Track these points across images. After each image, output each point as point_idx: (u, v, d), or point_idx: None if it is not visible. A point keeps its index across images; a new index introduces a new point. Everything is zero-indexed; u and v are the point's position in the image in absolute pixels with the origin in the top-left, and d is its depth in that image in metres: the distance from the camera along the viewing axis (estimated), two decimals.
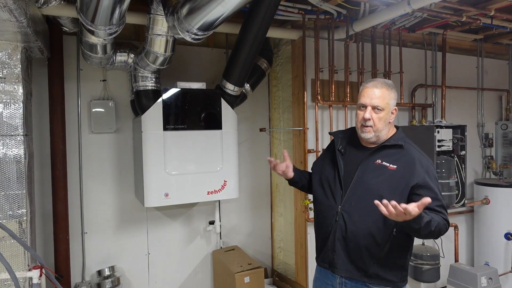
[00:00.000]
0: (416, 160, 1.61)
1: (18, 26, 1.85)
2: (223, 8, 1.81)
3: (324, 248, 1.74)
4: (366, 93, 1.65)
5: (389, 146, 1.66)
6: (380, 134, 1.65)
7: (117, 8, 1.82)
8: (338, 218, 1.67)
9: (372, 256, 1.61)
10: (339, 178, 1.71)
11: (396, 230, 1.58)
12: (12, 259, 2.14)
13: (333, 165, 1.76)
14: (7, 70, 2.15)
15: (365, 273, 1.63)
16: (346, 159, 1.74)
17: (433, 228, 1.45)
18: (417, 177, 1.56)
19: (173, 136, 2.64)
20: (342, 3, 2.76)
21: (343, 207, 1.66)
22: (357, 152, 1.72)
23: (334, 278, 1.74)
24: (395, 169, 1.60)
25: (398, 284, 1.66)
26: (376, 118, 1.62)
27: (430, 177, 1.59)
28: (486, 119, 4.06)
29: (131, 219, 3.09)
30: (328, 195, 1.73)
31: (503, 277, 3.49)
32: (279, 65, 3.49)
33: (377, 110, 1.62)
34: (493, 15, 2.92)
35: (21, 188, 2.18)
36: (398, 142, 1.66)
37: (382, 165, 1.63)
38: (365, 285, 1.65)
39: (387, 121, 1.65)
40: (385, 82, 1.67)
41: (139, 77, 2.66)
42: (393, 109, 1.67)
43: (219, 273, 3.23)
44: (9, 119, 2.16)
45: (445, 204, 1.62)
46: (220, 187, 2.80)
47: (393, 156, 1.64)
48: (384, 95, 1.63)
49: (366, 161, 1.67)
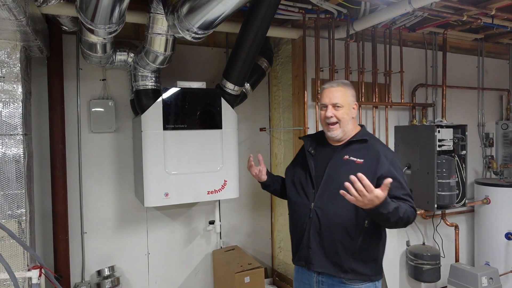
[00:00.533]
0: (381, 153, 1.70)
1: (17, 24, 1.85)
2: (223, 7, 1.80)
3: (300, 246, 1.80)
4: (325, 94, 1.78)
5: (355, 142, 1.76)
6: (345, 129, 1.76)
7: (117, 7, 1.82)
8: (311, 215, 1.74)
9: (347, 250, 1.67)
10: (310, 177, 1.79)
11: (367, 222, 1.65)
12: (11, 259, 2.13)
13: (304, 166, 1.85)
14: (6, 69, 2.14)
15: (341, 268, 1.69)
16: (316, 159, 1.83)
17: (401, 215, 1.53)
18: (382, 168, 1.65)
19: (173, 136, 2.64)
20: (343, 2, 2.76)
21: (316, 204, 1.74)
22: (326, 151, 1.83)
23: (311, 277, 1.80)
24: (362, 163, 1.69)
25: (372, 278, 1.73)
26: (339, 115, 1.74)
27: (394, 167, 1.68)
28: (487, 118, 4.06)
29: (130, 219, 3.08)
30: (301, 194, 1.81)
31: (504, 277, 3.49)
32: (279, 64, 3.48)
33: (337, 107, 1.74)
34: (494, 14, 2.92)
35: (20, 188, 2.17)
36: (363, 137, 1.77)
37: (350, 160, 1.72)
38: (341, 281, 1.71)
39: (350, 117, 1.77)
40: (341, 81, 1.84)
41: (139, 77, 2.65)
42: (354, 105, 1.79)
43: (219, 273, 3.22)
44: (8, 119, 2.15)
45: (411, 193, 1.69)
46: (220, 186, 2.79)
47: (359, 151, 1.73)
48: (342, 93, 1.76)
49: (335, 158, 1.76)
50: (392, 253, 3.53)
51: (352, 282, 1.70)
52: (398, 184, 1.62)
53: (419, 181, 3.25)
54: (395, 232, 3.54)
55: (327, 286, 1.75)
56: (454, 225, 3.63)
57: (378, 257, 1.74)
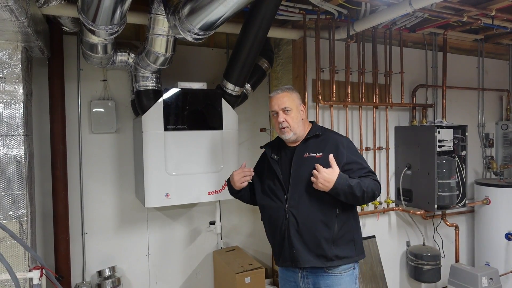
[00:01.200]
0: (338, 142, 1.84)
1: (18, 25, 1.85)
2: (224, 8, 1.80)
3: (283, 248, 1.85)
4: (273, 102, 1.89)
5: (310, 138, 1.88)
6: (297, 131, 1.87)
7: (119, 8, 1.82)
8: (288, 216, 1.82)
9: (327, 240, 1.78)
10: (279, 181, 1.87)
11: (339, 209, 1.79)
12: (12, 259, 2.13)
13: (270, 173, 1.93)
14: (8, 70, 2.14)
15: (326, 258, 1.78)
16: (280, 163, 1.92)
17: (365, 188, 1.71)
18: (342, 157, 1.79)
19: (173, 136, 2.64)
20: (343, 3, 2.76)
21: (290, 205, 1.82)
22: (287, 154, 1.92)
23: (295, 274, 1.89)
24: (322, 156, 1.80)
25: (356, 258, 1.85)
26: (289, 119, 1.85)
27: (352, 152, 1.84)
28: (487, 119, 4.06)
29: (131, 220, 3.09)
30: (274, 199, 1.88)
31: (504, 277, 3.49)
32: (280, 65, 3.48)
33: (287, 111, 1.85)
34: (494, 15, 2.92)
35: (21, 189, 2.18)
36: (316, 132, 1.89)
37: (310, 156, 1.83)
38: (324, 271, 1.81)
39: (299, 119, 1.88)
40: (285, 87, 1.93)
41: (139, 77, 2.66)
42: (301, 107, 1.91)
43: (220, 274, 3.22)
44: (9, 119, 2.15)
45: (372, 169, 1.86)
46: (221, 187, 2.80)
47: (317, 146, 1.85)
48: (288, 97, 1.87)
49: (296, 157, 1.86)
50: (392, 253, 3.53)
51: (334, 270, 1.81)
52: (359, 166, 1.80)
53: (420, 182, 3.25)
54: (396, 232, 3.55)
55: (312, 279, 1.84)
56: (454, 226, 3.63)
57: (354, 238, 1.85)
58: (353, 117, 3.27)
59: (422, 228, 3.66)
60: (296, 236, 1.80)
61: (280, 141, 1.99)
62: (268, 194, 1.91)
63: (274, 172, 1.90)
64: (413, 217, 3.57)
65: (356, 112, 3.28)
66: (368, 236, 3.35)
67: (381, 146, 3.39)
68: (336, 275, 1.81)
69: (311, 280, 1.84)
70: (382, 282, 3.32)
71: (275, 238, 1.90)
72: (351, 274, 1.84)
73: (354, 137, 3.24)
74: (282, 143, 1.97)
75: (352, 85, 3.21)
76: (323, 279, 1.81)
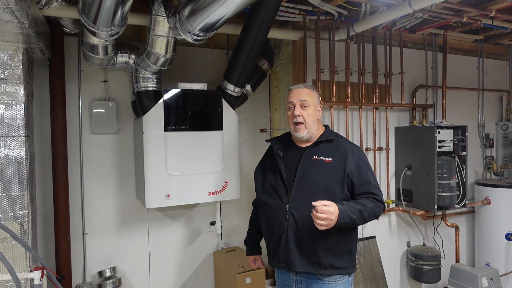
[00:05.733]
0: (348, 150, 1.78)
1: (20, 27, 1.85)
2: (225, 9, 1.81)
3: (279, 249, 1.82)
4: (292, 94, 1.84)
5: (322, 142, 1.83)
6: (311, 130, 1.82)
7: (119, 10, 1.82)
8: (288, 217, 1.77)
9: (324, 247, 1.73)
10: (282, 179, 1.82)
11: None
12: (13, 260, 2.13)
13: (274, 169, 1.88)
14: (9, 71, 2.15)
15: (320, 265, 1.75)
16: (286, 161, 1.87)
17: (366, 215, 1.67)
18: (350, 165, 1.74)
19: (174, 137, 2.64)
20: (343, 4, 2.77)
21: (291, 205, 1.77)
22: (295, 153, 1.86)
23: (290, 277, 1.85)
24: (331, 162, 1.77)
25: (349, 270, 1.81)
26: (305, 115, 1.79)
27: (362, 162, 1.78)
28: (487, 119, 4.07)
29: (132, 220, 3.09)
30: (275, 197, 1.83)
31: (504, 277, 3.49)
32: (280, 65, 3.49)
33: (304, 106, 1.80)
34: (493, 15, 2.93)
35: (22, 189, 2.18)
36: (329, 137, 1.84)
37: (319, 159, 1.78)
38: (318, 278, 1.77)
39: (315, 118, 1.83)
40: (307, 84, 1.89)
41: (140, 78, 2.66)
42: (319, 107, 1.87)
43: (220, 274, 3.23)
44: (10, 120, 2.16)
45: (378, 185, 1.80)
46: (221, 188, 2.80)
47: (327, 151, 1.80)
48: (308, 93, 1.82)
49: (304, 159, 1.81)
50: (392, 253, 3.54)
51: (329, 278, 1.77)
52: (366, 179, 1.74)
53: (420, 182, 3.25)
54: (396, 233, 3.55)
55: (305, 284, 1.81)
56: (455, 226, 3.63)
57: (351, 250, 1.82)
58: (353, 118, 3.27)
59: (422, 228, 3.66)
60: (293, 239, 1.76)
61: (288, 138, 1.93)
62: (269, 190, 1.86)
63: (278, 169, 1.85)
64: (413, 217, 3.57)
65: (356, 112, 3.28)
66: (369, 237, 3.35)
67: (381, 146, 3.40)
68: (330, 283, 1.77)
69: (304, 286, 1.81)
70: (382, 282, 3.32)
71: (272, 237, 1.86)
72: (346, 282, 1.81)
73: (354, 138, 3.24)
74: (289, 140, 1.91)
75: (352, 86, 3.21)
76: (317, 286, 1.78)
